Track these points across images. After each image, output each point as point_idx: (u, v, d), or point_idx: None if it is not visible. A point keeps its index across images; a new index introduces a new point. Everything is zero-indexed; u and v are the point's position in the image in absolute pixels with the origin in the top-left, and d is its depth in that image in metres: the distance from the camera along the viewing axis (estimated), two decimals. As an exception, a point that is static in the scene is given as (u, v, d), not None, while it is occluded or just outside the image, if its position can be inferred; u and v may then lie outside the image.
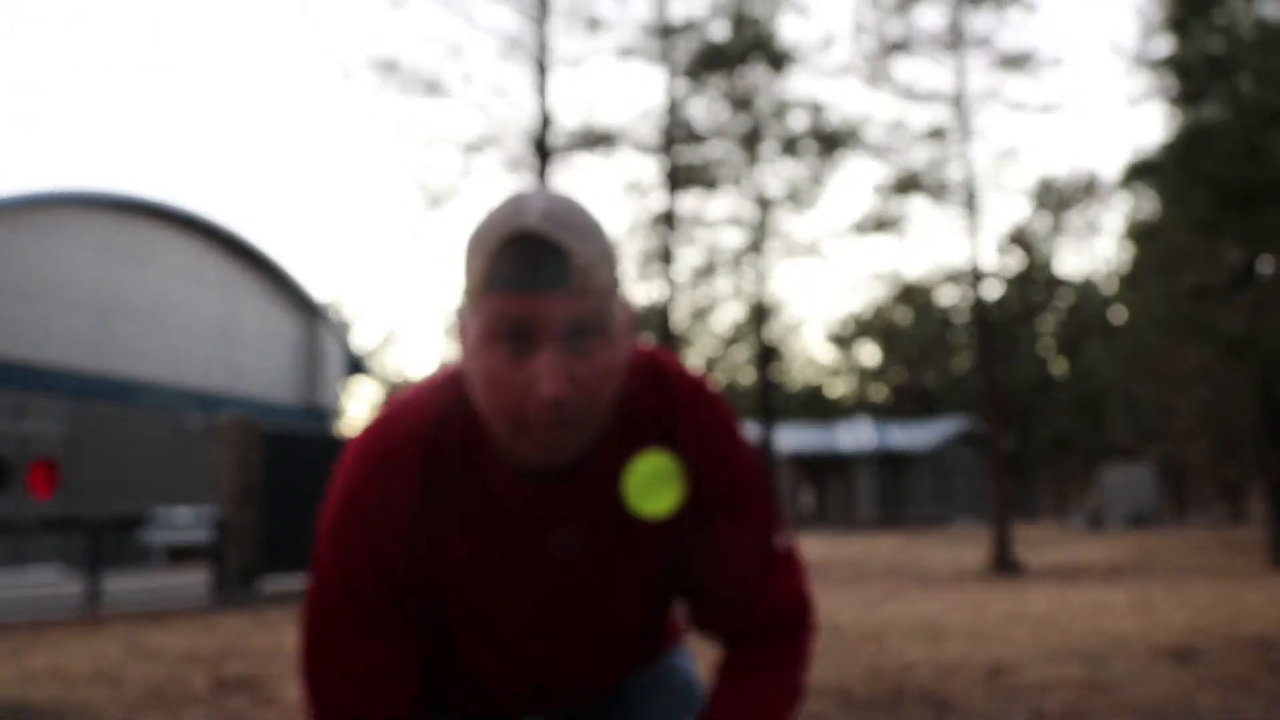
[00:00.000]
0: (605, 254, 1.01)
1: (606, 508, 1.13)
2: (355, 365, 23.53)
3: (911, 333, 30.72)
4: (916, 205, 16.27)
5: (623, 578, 1.18)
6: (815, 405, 50.81)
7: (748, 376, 40.08)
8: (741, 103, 16.98)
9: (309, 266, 77.18)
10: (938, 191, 15.68)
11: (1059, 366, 43.89)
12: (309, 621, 1.14)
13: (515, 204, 1.01)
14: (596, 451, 1.11)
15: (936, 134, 15.70)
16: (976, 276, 15.55)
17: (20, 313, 14.90)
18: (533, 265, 0.97)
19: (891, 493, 34.84)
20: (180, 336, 18.00)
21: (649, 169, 15.44)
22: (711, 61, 14.70)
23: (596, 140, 12.99)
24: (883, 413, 50.38)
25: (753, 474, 1.21)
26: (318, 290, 23.33)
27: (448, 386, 1.14)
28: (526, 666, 1.22)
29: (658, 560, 1.19)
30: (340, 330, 22.77)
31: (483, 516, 1.11)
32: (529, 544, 1.13)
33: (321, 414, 21.19)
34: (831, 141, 16.29)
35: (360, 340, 50.80)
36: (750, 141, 17.71)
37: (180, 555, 15.87)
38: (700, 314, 20.14)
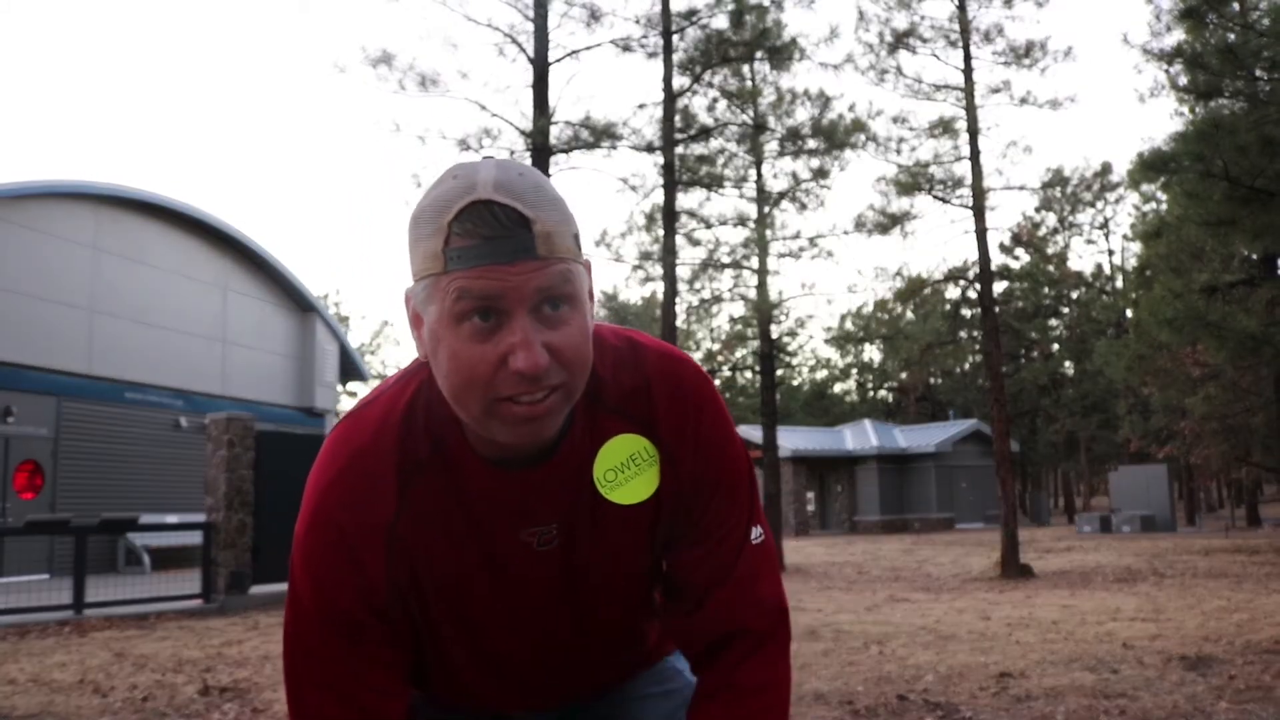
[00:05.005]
0: (565, 217, 0.97)
1: (582, 495, 1.10)
2: (351, 364, 23.43)
3: (916, 332, 30.55)
4: (922, 202, 16.13)
5: (603, 566, 1.16)
6: (819, 406, 50.84)
7: (750, 377, 40.04)
8: (744, 96, 16.82)
9: (304, 263, 77.46)
10: (944, 187, 15.54)
11: (1067, 366, 43.77)
12: (288, 638, 1.11)
13: (461, 176, 0.95)
14: (568, 435, 1.08)
15: (943, 128, 15.55)
16: (983, 274, 15.40)
17: (4, 310, 14.73)
18: (494, 237, 0.92)
19: (896, 495, 34.73)
20: (170, 334, 17.83)
21: (649, 165, 15.30)
22: (713, 54, 14.53)
23: (596, 136, 12.82)
24: (887, 413, 50.34)
25: (735, 460, 1.18)
26: (313, 287, 23.15)
27: (410, 382, 1.11)
28: (513, 662, 1.21)
29: (638, 548, 1.16)
30: (336, 328, 22.66)
31: (458, 511, 1.09)
32: (506, 536, 1.10)
33: (316, 414, 21.05)
34: (836, 136, 16.09)
35: (356, 338, 50.79)
36: (752, 136, 17.56)
37: (170, 559, 15.75)
38: (701, 313, 20.03)
